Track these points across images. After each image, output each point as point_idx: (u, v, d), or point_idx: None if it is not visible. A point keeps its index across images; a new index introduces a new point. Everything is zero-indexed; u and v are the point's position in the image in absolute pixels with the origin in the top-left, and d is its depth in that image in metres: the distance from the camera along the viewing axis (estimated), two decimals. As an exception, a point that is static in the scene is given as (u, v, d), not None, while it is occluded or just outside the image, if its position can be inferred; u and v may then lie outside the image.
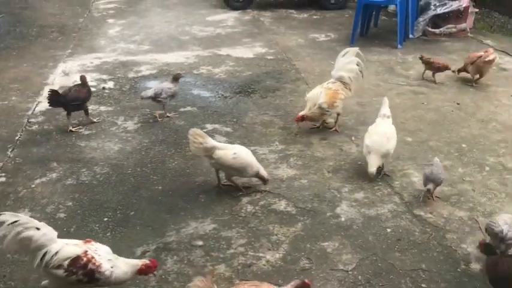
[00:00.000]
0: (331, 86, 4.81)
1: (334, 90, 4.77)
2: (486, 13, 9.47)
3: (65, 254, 2.71)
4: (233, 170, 3.86)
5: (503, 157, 4.39)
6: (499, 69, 6.46)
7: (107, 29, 8.64)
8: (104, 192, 3.99)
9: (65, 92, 4.98)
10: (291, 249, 3.33)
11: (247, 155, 3.88)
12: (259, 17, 9.29)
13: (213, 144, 3.85)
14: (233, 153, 3.81)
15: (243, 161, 3.82)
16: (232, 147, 3.95)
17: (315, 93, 4.75)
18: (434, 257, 3.25)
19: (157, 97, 5.05)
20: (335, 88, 4.79)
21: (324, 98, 4.68)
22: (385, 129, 4.12)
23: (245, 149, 3.97)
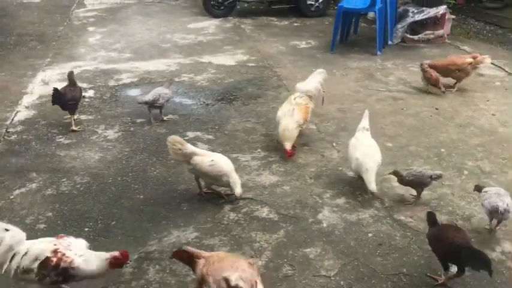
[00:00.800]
0: (301, 100, 4.72)
1: (305, 105, 4.72)
2: (463, 20, 9.69)
3: (32, 256, 2.62)
4: (209, 177, 3.85)
5: (481, 161, 4.47)
6: (476, 74, 6.57)
7: (87, 37, 8.58)
8: (84, 202, 3.95)
9: (63, 91, 5.04)
10: (274, 256, 3.34)
11: (225, 164, 3.84)
12: (240, 25, 9.33)
13: (192, 150, 3.87)
14: (210, 161, 3.81)
15: (220, 170, 3.80)
16: (212, 155, 3.93)
17: (286, 111, 4.62)
18: (415, 261, 3.28)
19: (156, 102, 5.17)
20: (305, 102, 4.73)
21: (298, 115, 4.59)
22: (370, 142, 4.07)
23: (226, 158, 3.94)
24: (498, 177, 4.21)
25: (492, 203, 3.36)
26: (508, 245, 3.41)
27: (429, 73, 5.84)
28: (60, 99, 5.00)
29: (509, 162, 4.44)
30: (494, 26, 9.43)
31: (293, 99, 4.74)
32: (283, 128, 4.53)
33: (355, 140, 4.12)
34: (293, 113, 4.58)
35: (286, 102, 4.77)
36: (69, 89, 5.09)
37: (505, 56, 7.42)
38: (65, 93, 5.04)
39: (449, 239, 2.99)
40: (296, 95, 4.79)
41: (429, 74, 5.84)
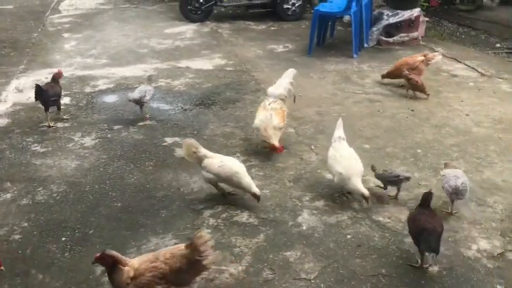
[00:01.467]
0: (276, 105, 4.73)
1: (281, 109, 4.74)
2: (436, 22, 9.86)
3: None
4: (220, 179, 3.91)
5: (456, 161, 4.54)
6: (450, 75, 6.72)
7: (62, 43, 8.47)
8: (61, 211, 3.89)
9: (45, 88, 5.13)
10: (254, 260, 3.34)
11: (234, 165, 3.89)
12: (217, 29, 9.33)
13: (204, 153, 3.96)
14: (220, 162, 3.88)
15: (229, 170, 3.83)
16: (222, 157, 4.00)
17: (264, 119, 4.61)
18: (394, 261, 3.32)
19: (142, 99, 5.25)
20: (280, 106, 4.75)
21: (277, 119, 4.61)
22: (349, 152, 4.01)
23: (236, 161, 4.01)
24: (473, 176, 4.28)
25: (452, 185, 3.59)
26: (484, 243, 3.47)
27: (414, 80, 5.84)
28: (42, 95, 5.09)
29: (484, 162, 4.53)
30: (467, 27, 9.63)
31: (268, 105, 4.74)
32: (265, 128, 4.55)
33: (334, 151, 4.01)
34: (271, 118, 4.59)
35: (262, 109, 4.74)
36: (50, 85, 5.21)
37: (477, 57, 7.58)
38: (47, 89, 5.12)
39: (421, 221, 3.13)
40: (270, 101, 4.78)
41: (414, 81, 5.84)
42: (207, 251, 2.79)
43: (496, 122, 5.32)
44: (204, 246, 2.77)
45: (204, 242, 2.77)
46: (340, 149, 4.02)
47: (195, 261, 2.78)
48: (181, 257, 2.79)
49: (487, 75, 6.74)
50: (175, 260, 2.78)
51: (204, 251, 2.78)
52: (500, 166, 4.46)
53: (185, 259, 2.78)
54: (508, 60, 7.56)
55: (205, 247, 2.78)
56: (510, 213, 3.79)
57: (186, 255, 2.79)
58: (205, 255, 2.79)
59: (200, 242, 2.76)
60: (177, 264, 2.77)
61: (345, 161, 3.90)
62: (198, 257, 2.77)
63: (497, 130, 5.14)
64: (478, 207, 3.87)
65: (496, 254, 3.36)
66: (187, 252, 2.79)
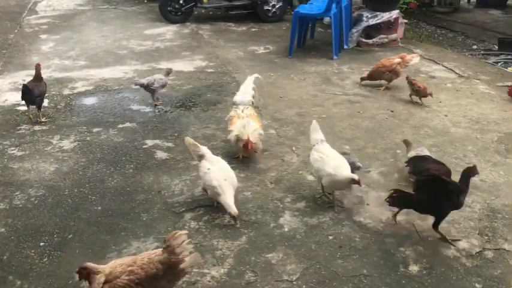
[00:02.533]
0: (248, 111, 4.70)
1: (254, 114, 4.73)
2: (415, 23, 10.01)
3: None
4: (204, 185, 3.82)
5: (435, 161, 4.61)
6: (429, 76, 6.81)
7: (40, 45, 8.34)
8: (39, 216, 3.82)
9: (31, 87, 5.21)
10: (236, 263, 3.33)
11: (216, 178, 3.68)
12: (198, 30, 9.30)
13: (203, 153, 3.90)
14: (207, 169, 3.78)
15: (209, 181, 3.71)
16: (215, 163, 3.87)
17: (242, 127, 4.50)
18: (375, 261, 3.34)
19: (150, 85, 5.61)
20: (253, 113, 4.74)
21: (256, 124, 4.58)
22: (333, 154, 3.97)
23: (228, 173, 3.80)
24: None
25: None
26: (463, 242, 3.52)
27: (417, 85, 5.74)
28: (30, 95, 5.17)
29: (462, 162, 4.60)
30: (444, 29, 9.79)
31: (241, 112, 4.69)
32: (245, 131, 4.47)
33: (318, 154, 3.94)
34: (250, 123, 4.53)
35: (236, 119, 4.64)
36: (35, 85, 5.26)
37: (455, 59, 7.70)
38: (33, 89, 5.19)
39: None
40: (242, 108, 4.74)
41: (417, 86, 5.73)
42: (183, 253, 2.67)
43: (474, 123, 5.41)
44: (180, 247, 2.65)
45: (180, 243, 2.65)
46: (324, 150, 3.98)
47: (172, 265, 2.67)
48: (158, 262, 2.67)
49: (465, 77, 6.85)
50: (151, 265, 2.67)
51: (180, 252, 2.66)
52: (478, 166, 4.50)
53: (161, 264, 2.67)
54: (484, 62, 7.70)
55: (181, 248, 2.66)
56: (488, 213, 3.85)
57: (162, 260, 2.68)
58: (182, 258, 2.68)
59: (176, 242, 2.65)
60: (153, 270, 2.66)
61: (332, 162, 3.87)
62: (174, 260, 2.65)
63: (475, 130, 5.23)
64: (456, 206, 3.92)
65: (475, 253, 3.41)
66: (163, 257, 2.68)
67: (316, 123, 4.13)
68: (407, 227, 3.69)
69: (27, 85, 5.18)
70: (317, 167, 3.92)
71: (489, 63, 7.61)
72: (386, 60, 6.30)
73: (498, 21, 10.18)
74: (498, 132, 5.18)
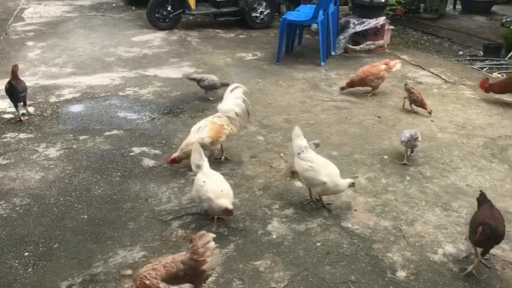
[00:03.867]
0: (217, 120, 4.58)
1: (220, 125, 4.54)
2: (401, 30, 10.10)
3: None
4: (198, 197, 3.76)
5: (422, 166, 4.64)
6: (415, 82, 6.85)
7: (26, 52, 8.27)
8: (24, 225, 3.77)
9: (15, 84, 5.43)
10: (224, 270, 3.31)
11: (213, 192, 3.61)
12: (186, 37, 9.29)
13: (202, 164, 3.81)
14: (203, 182, 3.71)
15: (204, 194, 3.65)
16: (212, 175, 3.78)
17: (198, 127, 4.52)
18: (363, 267, 3.35)
19: (201, 82, 6.09)
20: (221, 123, 4.56)
21: (207, 132, 4.44)
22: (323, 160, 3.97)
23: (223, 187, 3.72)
24: (438, 181, 4.38)
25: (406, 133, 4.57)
26: (450, 247, 3.54)
27: (415, 95, 5.69)
28: (16, 91, 5.39)
29: (448, 167, 4.64)
30: (431, 35, 9.88)
31: (211, 117, 4.64)
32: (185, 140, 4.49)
33: (306, 163, 3.86)
34: (203, 129, 4.46)
35: (204, 120, 4.63)
36: (17, 82, 5.45)
37: (441, 64, 7.78)
38: (17, 85, 5.40)
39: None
40: (216, 115, 4.66)
41: (415, 96, 5.68)
42: (206, 253, 2.67)
43: (460, 128, 5.46)
44: (203, 248, 2.66)
45: (205, 244, 2.66)
46: (311, 158, 3.92)
47: (193, 265, 2.66)
48: (179, 262, 2.68)
49: (451, 82, 6.92)
50: (173, 264, 2.68)
51: (203, 253, 2.66)
52: (464, 171, 4.57)
53: (182, 264, 2.67)
54: (470, 67, 7.78)
55: (204, 249, 2.66)
56: (474, 217, 3.87)
57: (184, 259, 2.68)
58: (205, 258, 2.67)
59: (201, 242, 2.66)
60: (173, 269, 2.66)
61: (324, 169, 3.84)
62: (195, 259, 2.65)
63: (461, 135, 5.27)
64: (443, 211, 3.95)
65: (462, 258, 3.43)
66: (186, 257, 2.69)
67: (298, 129, 4.03)
68: (394, 232, 3.70)
69: (11, 82, 5.41)
70: (309, 176, 3.86)
71: (475, 69, 7.69)
72: (372, 68, 6.30)
73: (483, 28, 10.31)
74: (484, 137, 5.23)
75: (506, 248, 3.52)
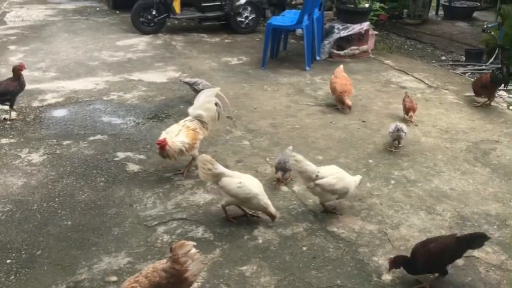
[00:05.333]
0: (190, 124, 4.49)
1: (194, 130, 4.47)
2: (385, 35, 10.21)
3: None
4: (238, 199, 3.75)
5: (406, 170, 4.68)
6: (399, 87, 6.93)
7: (8, 56, 8.15)
8: (6, 232, 3.71)
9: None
10: (210, 276, 3.29)
11: (253, 186, 3.74)
12: (171, 41, 9.25)
13: (221, 171, 3.78)
14: (238, 182, 3.72)
15: (249, 192, 3.69)
16: (240, 176, 3.84)
17: (170, 131, 4.43)
18: (349, 271, 3.36)
19: (195, 85, 6.05)
20: (194, 127, 4.48)
21: (185, 138, 4.37)
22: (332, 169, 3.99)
23: (255, 180, 3.85)
24: (422, 185, 4.42)
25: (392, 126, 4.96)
26: (434, 250, 3.57)
27: (404, 101, 5.77)
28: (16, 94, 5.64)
29: (432, 171, 4.69)
30: (414, 41, 10.01)
31: (183, 121, 4.54)
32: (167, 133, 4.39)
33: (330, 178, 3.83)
34: (179, 133, 4.37)
35: (175, 124, 4.54)
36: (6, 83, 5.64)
37: (424, 69, 7.87)
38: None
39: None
40: (187, 119, 4.57)
41: (404, 103, 5.76)
42: (188, 262, 2.68)
43: (443, 132, 5.52)
44: (185, 257, 2.67)
45: (186, 252, 2.67)
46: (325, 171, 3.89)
47: (176, 273, 2.66)
48: (161, 271, 2.68)
49: (434, 87, 7.00)
50: (155, 274, 2.67)
51: (185, 262, 2.67)
52: (447, 175, 4.62)
53: (164, 272, 2.67)
54: (452, 72, 7.89)
55: (186, 258, 2.67)
56: (458, 221, 3.92)
57: (165, 268, 2.68)
58: (186, 267, 2.68)
59: (182, 252, 2.67)
60: (156, 279, 2.65)
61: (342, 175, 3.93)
62: (178, 269, 2.65)
63: (444, 140, 5.34)
64: (427, 215, 3.99)
65: (446, 261, 3.46)
66: (166, 265, 2.68)
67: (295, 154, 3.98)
68: (379, 236, 3.73)
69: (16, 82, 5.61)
70: (340, 187, 3.85)
71: (457, 74, 7.80)
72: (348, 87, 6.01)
73: (465, 33, 10.47)
74: (466, 141, 5.30)
75: (490, 251, 3.57)
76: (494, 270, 3.39)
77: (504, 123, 5.81)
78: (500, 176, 4.60)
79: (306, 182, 3.90)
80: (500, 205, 4.14)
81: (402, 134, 4.97)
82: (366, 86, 6.95)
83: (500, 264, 3.45)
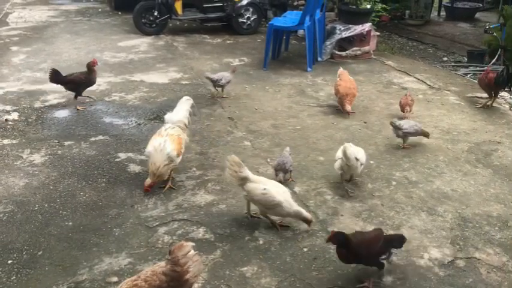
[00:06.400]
0: (172, 131, 4.30)
1: (178, 136, 4.30)
2: (387, 36, 10.20)
3: None
4: (262, 206, 3.72)
5: (407, 171, 4.67)
6: (401, 88, 6.92)
7: (11, 57, 8.18)
8: (7, 233, 3.71)
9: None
10: (211, 277, 3.29)
11: (279, 194, 3.65)
12: (172, 42, 9.27)
13: (247, 175, 3.74)
14: (263, 189, 3.67)
15: (273, 199, 3.63)
16: (266, 182, 3.76)
17: (157, 145, 4.15)
18: (349, 273, 3.35)
19: (218, 81, 6.29)
20: (177, 133, 4.32)
21: (171, 145, 4.16)
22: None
23: (282, 188, 3.78)
24: (424, 186, 4.42)
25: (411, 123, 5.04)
26: (435, 251, 3.57)
27: (401, 99, 5.84)
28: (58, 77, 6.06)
29: (434, 172, 4.68)
30: (416, 41, 10.01)
31: (164, 130, 4.31)
32: (151, 164, 4.11)
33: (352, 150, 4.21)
34: (164, 145, 4.14)
35: (156, 135, 4.30)
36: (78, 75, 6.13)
37: (426, 70, 7.87)
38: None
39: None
40: (167, 126, 4.38)
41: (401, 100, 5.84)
42: (188, 264, 2.66)
43: (445, 133, 5.52)
44: (184, 258, 2.65)
45: (185, 254, 2.66)
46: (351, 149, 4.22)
47: (176, 276, 2.65)
48: (161, 274, 2.65)
49: (436, 88, 6.99)
50: (154, 277, 2.64)
51: (185, 263, 2.65)
52: (449, 176, 4.61)
53: (164, 276, 2.65)
54: (454, 73, 7.88)
55: (186, 259, 2.66)
56: (460, 222, 3.91)
57: (165, 271, 2.66)
58: (187, 269, 2.66)
59: (181, 253, 2.66)
60: (156, 282, 2.63)
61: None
62: (178, 271, 2.64)
63: (446, 141, 5.33)
64: (429, 216, 3.98)
65: (447, 262, 3.46)
66: (166, 268, 2.67)
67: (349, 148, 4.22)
68: (381, 237, 3.72)
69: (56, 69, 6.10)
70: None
71: (459, 75, 7.80)
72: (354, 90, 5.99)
73: (467, 34, 10.46)
74: (468, 142, 5.29)
75: (491, 252, 3.56)
76: (496, 271, 3.38)
77: (506, 124, 5.80)
78: (501, 177, 4.59)
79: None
80: (502, 206, 4.13)
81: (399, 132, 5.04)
82: (368, 87, 6.95)
83: (501, 265, 3.44)
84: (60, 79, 6.03)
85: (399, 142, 5.16)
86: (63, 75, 6.05)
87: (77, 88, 6.07)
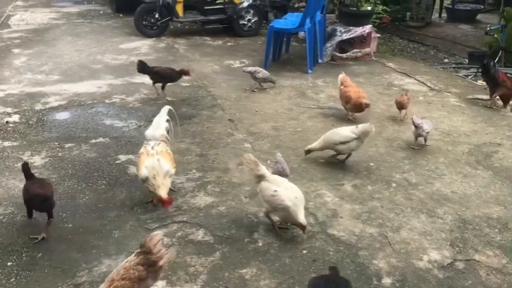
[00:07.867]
0: (160, 148, 4.10)
1: (166, 151, 4.13)
2: (388, 38, 10.20)
3: None
4: (270, 207, 3.68)
5: (407, 173, 4.67)
6: (401, 90, 6.91)
7: (12, 59, 8.21)
8: (7, 234, 3.72)
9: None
10: (209, 279, 3.29)
11: (289, 198, 3.57)
12: (173, 44, 9.29)
13: (263, 173, 3.73)
14: (274, 190, 3.63)
15: (280, 202, 3.59)
16: (280, 184, 3.69)
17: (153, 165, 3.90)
18: (349, 274, 3.34)
19: (255, 74, 6.68)
20: (165, 149, 4.13)
21: (167, 164, 3.97)
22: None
23: (295, 192, 3.66)
24: (424, 188, 4.41)
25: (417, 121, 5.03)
26: (434, 253, 3.56)
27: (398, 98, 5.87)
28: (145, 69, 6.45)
29: (434, 173, 4.67)
30: (417, 43, 10.01)
31: (151, 149, 4.07)
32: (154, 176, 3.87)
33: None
34: (160, 164, 3.92)
35: (145, 156, 4.01)
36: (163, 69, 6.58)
37: (427, 72, 7.87)
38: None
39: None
40: (152, 144, 4.13)
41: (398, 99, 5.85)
42: (161, 251, 2.80)
43: (445, 135, 5.51)
44: (157, 246, 2.78)
45: (156, 243, 2.78)
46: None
47: (152, 263, 2.76)
48: (137, 265, 2.75)
49: (436, 90, 6.99)
50: (131, 271, 2.73)
51: (158, 251, 2.78)
52: (449, 178, 4.60)
53: (141, 265, 2.75)
54: (455, 75, 7.88)
55: (158, 247, 2.79)
56: (459, 224, 3.91)
57: (140, 261, 2.76)
58: (160, 256, 2.79)
59: (152, 243, 2.77)
60: (135, 274, 2.72)
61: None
62: (154, 259, 2.76)
63: (446, 143, 5.32)
64: (428, 218, 3.97)
65: (446, 264, 3.45)
66: (140, 258, 2.76)
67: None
68: (379, 239, 3.72)
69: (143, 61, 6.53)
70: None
71: (460, 77, 7.79)
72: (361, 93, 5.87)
73: (468, 36, 10.46)
74: (468, 144, 5.29)
75: (491, 254, 3.55)
76: (495, 273, 3.38)
77: (507, 126, 5.79)
78: (502, 179, 4.58)
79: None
80: (502, 208, 4.13)
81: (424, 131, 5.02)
82: (368, 88, 6.94)
83: (501, 267, 3.43)
84: (147, 69, 6.41)
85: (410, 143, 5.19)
86: (150, 66, 6.47)
87: (161, 80, 6.41)
